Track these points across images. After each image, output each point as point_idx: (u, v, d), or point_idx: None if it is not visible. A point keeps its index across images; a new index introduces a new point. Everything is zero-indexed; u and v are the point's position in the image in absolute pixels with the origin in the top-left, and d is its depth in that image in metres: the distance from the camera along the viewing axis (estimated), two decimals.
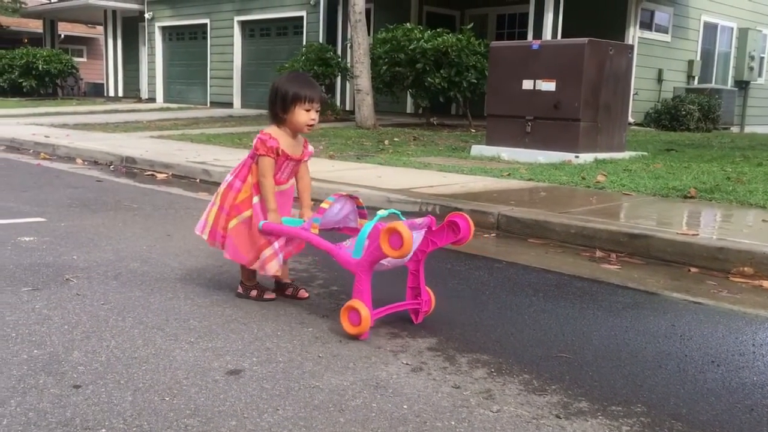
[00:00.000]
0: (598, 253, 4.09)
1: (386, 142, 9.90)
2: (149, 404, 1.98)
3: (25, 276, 3.26)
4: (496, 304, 3.12)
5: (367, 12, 12.44)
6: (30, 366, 2.22)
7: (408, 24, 12.55)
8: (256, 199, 2.96)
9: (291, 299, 3.07)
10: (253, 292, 3.06)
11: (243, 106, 18.86)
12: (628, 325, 2.86)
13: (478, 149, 8.50)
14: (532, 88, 7.86)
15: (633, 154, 8.40)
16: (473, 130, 11.70)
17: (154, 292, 3.09)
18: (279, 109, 2.96)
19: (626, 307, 3.13)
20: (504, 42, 11.04)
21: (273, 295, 3.07)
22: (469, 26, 12.15)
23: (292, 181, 3.10)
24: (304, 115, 2.93)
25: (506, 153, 8.09)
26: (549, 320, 2.90)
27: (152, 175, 7.24)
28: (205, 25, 19.93)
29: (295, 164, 3.05)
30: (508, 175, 6.63)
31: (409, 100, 14.59)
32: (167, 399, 2.02)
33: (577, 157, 7.58)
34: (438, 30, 11.88)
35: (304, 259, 3.80)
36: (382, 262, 2.62)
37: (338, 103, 15.38)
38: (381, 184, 5.86)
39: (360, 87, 11.99)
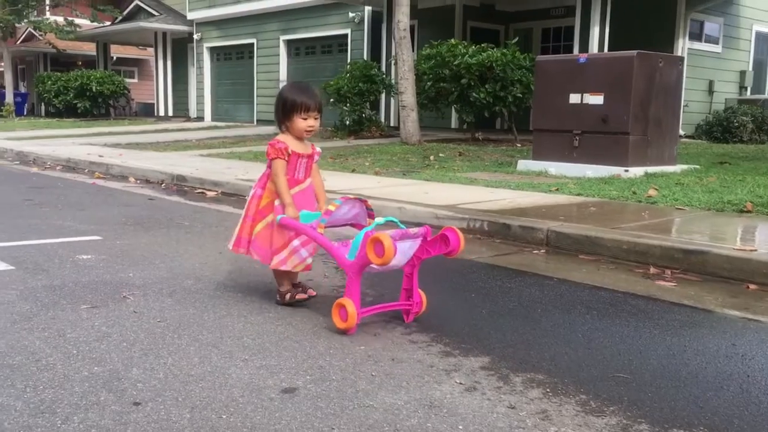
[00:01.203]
0: (652, 270, 4.01)
1: (432, 157, 9.90)
2: (207, 422, 2.00)
3: (84, 293, 3.34)
4: (549, 321, 3.07)
5: (411, 28, 12.51)
6: (91, 383, 2.27)
7: (452, 40, 12.56)
8: (277, 202, 3.19)
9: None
10: (287, 297, 3.23)
11: None
12: (686, 345, 2.79)
13: (525, 164, 8.44)
14: (579, 101, 7.78)
15: (685, 167, 8.23)
16: (519, 145, 11.62)
17: (208, 310, 3.13)
18: (281, 117, 3.25)
19: (684, 325, 3.06)
20: (550, 56, 10.97)
21: (305, 296, 3.22)
22: (514, 41, 12.10)
23: (310, 180, 3.33)
24: (303, 122, 3.21)
25: (553, 168, 8.00)
26: (604, 339, 2.84)
27: (202, 192, 7.37)
28: (252, 44, 20.31)
29: (308, 160, 3.29)
30: (557, 190, 6.55)
31: (454, 115, 14.58)
32: (224, 417, 2.04)
33: (626, 171, 7.46)
34: (482, 45, 11.86)
35: None
36: (372, 265, 2.80)
37: (383, 119, 15.45)
38: (428, 200, 5.86)
39: (405, 103, 12.04)
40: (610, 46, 11.96)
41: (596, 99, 7.63)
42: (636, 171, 7.53)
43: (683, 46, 13.51)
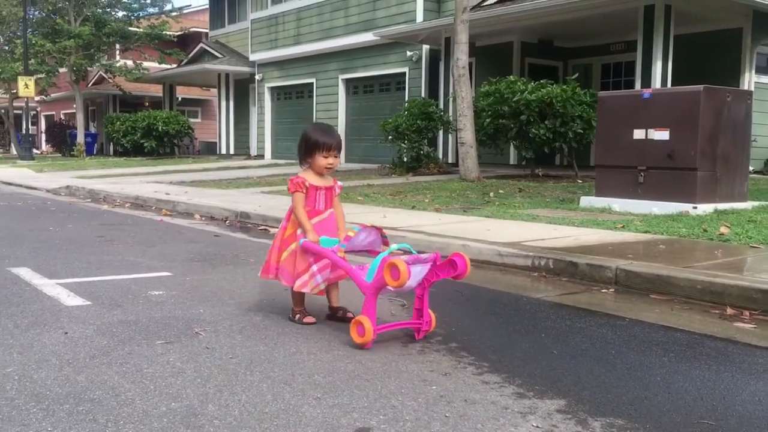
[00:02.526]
0: (729, 311, 3.86)
1: (491, 194, 9.85)
2: None
3: (158, 329, 3.42)
4: (624, 364, 2.99)
5: (469, 66, 12.58)
6: (169, 418, 2.30)
7: (511, 76, 12.57)
8: (300, 230, 3.53)
9: (401, 354, 3.07)
10: (297, 316, 3.59)
11: (347, 160, 19.34)
12: None
13: (588, 200, 8.31)
14: (643, 137, 7.65)
15: (756, 204, 7.97)
16: (580, 181, 11.47)
17: (278, 347, 3.16)
18: (304, 154, 3.61)
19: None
20: (613, 91, 10.87)
21: (313, 320, 3.56)
22: (573, 76, 12.04)
23: (331, 210, 3.63)
24: (324, 160, 3.55)
25: (618, 204, 7.85)
26: (683, 383, 2.74)
27: (265, 229, 7.49)
28: (311, 84, 20.74)
29: (327, 192, 3.60)
30: (623, 227, 6.42)
31: (513, 151, 14.52)
32: None
33: (695, 207, 7.26)
34: (541, 81, 11.83)
35: None
36: (388, 287, 3.10)
37: (440, 156, 15.49)
38: (490, 237, 5.81)
39: (464, 140, 12.06)
40: (674, 81, 11.77)
41: (662, 134, 7.49)
42: (705, 208, 7.32)
43: (749, 79, 13.18)
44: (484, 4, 14.86)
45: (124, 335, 3.29)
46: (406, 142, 14.37)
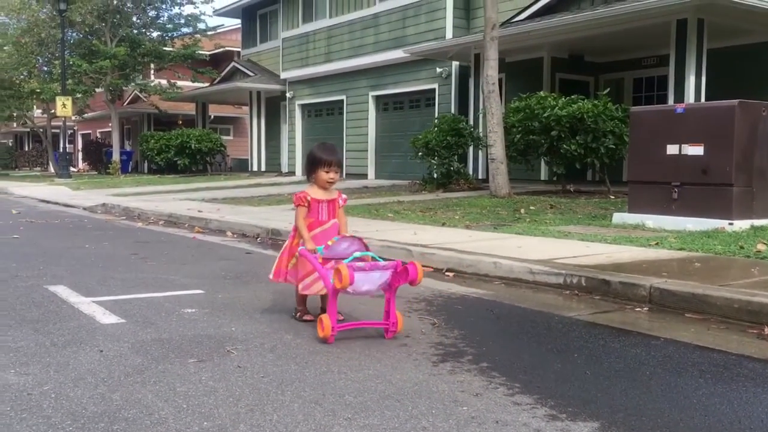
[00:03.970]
0: (767, 330, 3.78)
1: (522, 210, 9.79)
2: None
3: (190, 347, 3.45)
4: (659, 385, 2.94)
5: (499, 81, 12.57)
6: None
7: (541, 92, 12.53)
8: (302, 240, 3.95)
9: (441, 377, 3.06)
10: (298, 314, 4.03)
11: (377, 177, 19.42)
12: None
13: (620, 217, 8.21)
14: (677, 152, 7.55)
15: None
16: (612, 197, 11.35)
17: (309, 366, 3.17)
18: (309, 170, 4.03)
19: None
20: (645, 107, 10.75)
21: (311, 318, 3.96)
22: (605, 91, 11.95)
23: (334, 221, 4.01)
24: (325, 175, 3.95)
25: (651, 221, 7.75)
26: (722, 405, 2.69)
27: None
28: (342, 101, 20.90)
29: (330, 204, 3.99)
30: (656, 244, 6.33)
31: (543, 167, 14.43)
32: None
33: (731, 224, 7.14)
34: (572, 96, 11.77)
35: (450, 333, 3.78)
36: (353, 289, 3.52)
37: (471, 172, 15.46)
38: (522, 255, 5.77)
39: (494, 156, 12.02)
40: (707, 95, 11.61)
41: (696, 150, 7.38)
42: (741, 224, 7.19)
43: None
44: (514, 20, 14.86)
45: (158, 353, 3.34)
46: (436, 158, 14.38)
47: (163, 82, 28.34)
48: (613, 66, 15.79)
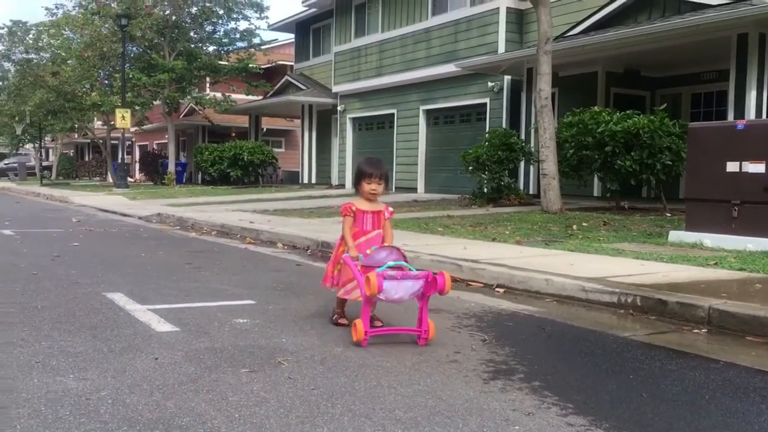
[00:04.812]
0: None
1: (574, 227, 9.64)
2: None
3: (242, 357, 3.50)
4: (719, 410, 2.84)
5: (552, 96, 12.44)
6: None
7: (595, 107, 12.36)
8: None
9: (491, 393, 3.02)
10: (334, 317, 4.28)
11: (426, 190, 19.40)
12: None
13: (677, 235, 8.00)
14: (737, 170, 7.33)
15: None
16: (668, 215, 11.08)
17: (359, 379, 3.17)
18: (355, 182, 4.32)
19: None
20: (704, 122, 10.52)
21: (345, 322, 4.16)
22: (662, 107, 11.71)
23: (378, 231, 4.19)
24: (367, 186, 4.17)
25: (709, 239, 7.54)
26: None
27: None
28: (392, 114, 20.99)
29: (375, 216, 4.18)
30: (715, 264, 6.15)
31: (596, 183, 14.20)
32: None
33: None
34: (627, 112, 11.56)
35: (501, 350, 3.74)
36: (386, 297, 3.73)
37: (522, 187, 15.32)
38: (574, 272, 5.68)
39: (546, 171, 11.89)
40: None
41: (757, 167, 7.16)
42: None
43: None
44: (568, 34, 14.72)
45: (211, 362, 3.39)
46: (486, 172, 14.29)
47: (218, 95, 28.95)
48: (671, 81, 15.48)
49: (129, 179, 31.85)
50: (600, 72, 15.04)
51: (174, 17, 28.15)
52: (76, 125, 35.46)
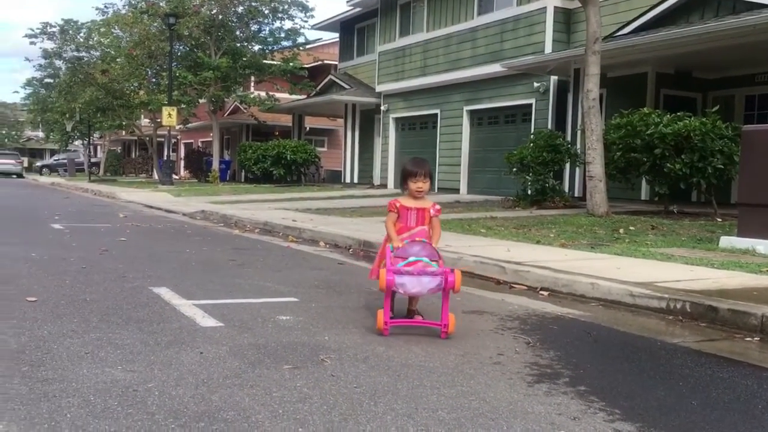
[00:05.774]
0: None
1: (621, 230, 9.49)
2: None
3: (285, 354, 3.53)
4: None
5: (600, 97, 12.25)
6: None
7: (644, 108, 12.13)
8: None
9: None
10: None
11: (469, 191, 19.30)
12: None
13: (728, 241, 7.81)
14: None
15: None
16: (719, 220, 10.82)
17: (401, 379, 3.17)
18: (401, 182, 4.41)
19: None
20: (759, 125, 10.25)
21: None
22: (714, 109, 11.44)
23: (422, 227, 4.29)
24: (413, 185, 4.30)
25: (763, 246, 7.33)
26: None
27: None
28: (436, 115, 20.95)
29: (419, 212, 4.30)
30: None
31: (644, 186, 13.95)
32: None
33: None
34: (678, 114, 11.32)
35: (545, 354, 3.70)
36: (404, 291, 4.02)
37: (567, 190, 15.14)
38: (621, 276, 5.59)
39: (592, 173, 11.72)
40: None
41: None
42: None
43: None
44: (617, 34, 14.49)
45: (254, 358, 3.43)
46: (531, 174, 14.16)
47: (262, 94, 29.31)
48: (723, 83, 15.12)
49: (174, 176, 32.40)
50: (650, 73, 14.77)
51: (220, 16, 28.59)
52: (124, 123, 36.31)
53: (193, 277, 5.95)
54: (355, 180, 25.53)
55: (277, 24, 29.91)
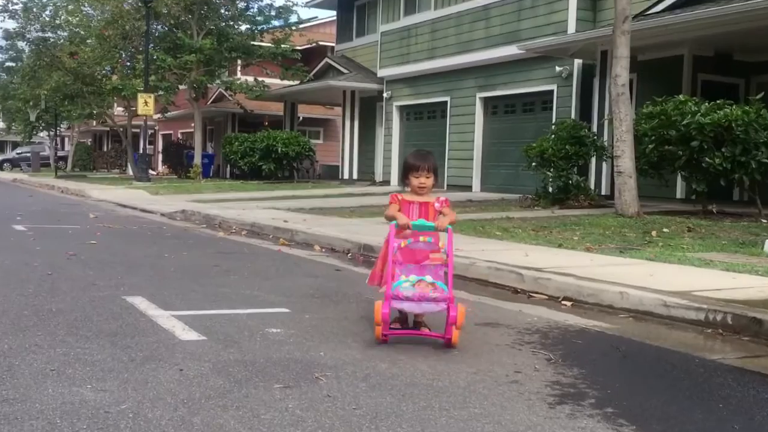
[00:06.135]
0: None
1: (654, 233, 9.49)
2: None
3: (275, 371, 3.53)
4: None
5: (630, 83, 12.26)
6: None
7: (680, 96, 12.13)
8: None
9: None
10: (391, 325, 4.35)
11: (483, 189, 19.31)
12: None
13: None
14: None
15: None
16: (764, 221, 10.82)
17: (406, 399, 3.17)
18: (403, 177, 4.55)
19: None
20: None
21: (398, 325, 4.40)
22: (758, 96, 11.43)
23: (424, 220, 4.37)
24: (416, 180, 4.41)
25: None
26: None
27: None
28: (445, 102, 20.96)
29: (422, 207, 4.40)
30: None
31: (680, 183, 13.94)
32: None
33: None
34: (718, 102, 11.32)
35: (568, 371, 3.70)
36: (410, 309, 4.21)
37: (592, 187, 15.14)
38: (654, 284, 5.59)
39: (621, 169, 11.71)
40: None
41: None
42: None
43: None
44: (649, 12, 14.48)
45: (241, 376, 3.43)
46: (552, 169, 14.16)
47: (250, 79, 29.28)
48: None
49: (151, 172, 32.50)
50: (686, 56, 14.76)
51: None
52: (95, 111, 36.30)
53: (172, 285, 5.96)
54: (355, 176, 25.55)
55: (267, 1, 29.94)
